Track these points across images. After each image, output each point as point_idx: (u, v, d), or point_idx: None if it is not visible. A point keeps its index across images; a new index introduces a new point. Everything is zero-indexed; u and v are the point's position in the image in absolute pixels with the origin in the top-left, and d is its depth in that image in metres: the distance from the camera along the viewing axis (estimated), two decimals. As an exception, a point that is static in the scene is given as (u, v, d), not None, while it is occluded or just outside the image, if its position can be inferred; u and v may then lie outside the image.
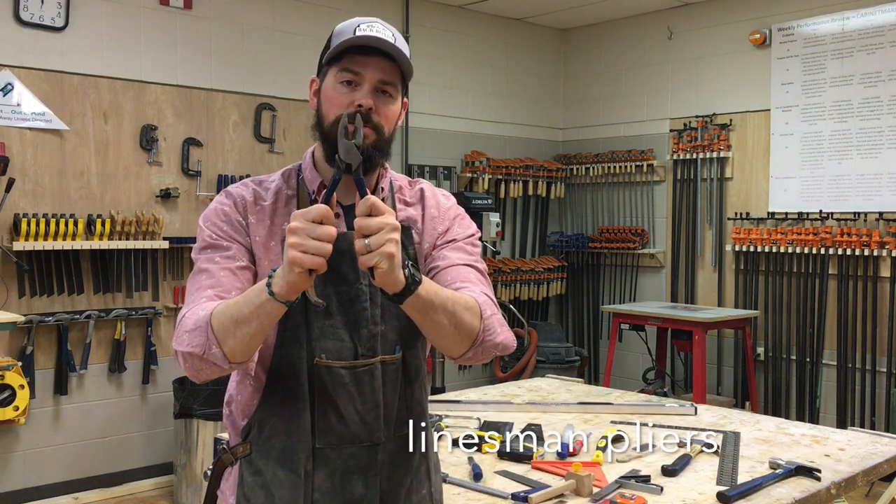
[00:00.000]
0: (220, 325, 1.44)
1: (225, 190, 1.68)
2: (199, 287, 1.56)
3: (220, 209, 1.63)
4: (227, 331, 1.44)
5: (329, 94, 1.58)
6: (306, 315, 1.57)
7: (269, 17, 5.40)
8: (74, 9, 4.62)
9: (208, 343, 1.45)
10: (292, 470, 1.58)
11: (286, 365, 1.58)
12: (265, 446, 1.60)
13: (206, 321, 1.45)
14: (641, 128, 6.56)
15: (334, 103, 1.56)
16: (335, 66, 1.57)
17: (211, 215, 1.64)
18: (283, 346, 1.58)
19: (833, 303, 5.49)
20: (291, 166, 1.72)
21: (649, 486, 2.08)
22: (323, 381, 1.57)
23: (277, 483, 1.58)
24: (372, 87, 1.56)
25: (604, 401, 3.06)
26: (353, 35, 1.55)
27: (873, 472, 2.39)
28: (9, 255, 4.38)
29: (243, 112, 5.28)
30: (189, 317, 1.50)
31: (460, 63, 6.42)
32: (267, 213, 1.63)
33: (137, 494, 4.87)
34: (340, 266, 1.57)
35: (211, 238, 1.60)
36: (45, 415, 4.62)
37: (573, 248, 6.85)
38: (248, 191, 1.65)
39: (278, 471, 1.59)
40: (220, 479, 1.69)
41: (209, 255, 1.59)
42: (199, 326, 1.46)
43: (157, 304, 4.95)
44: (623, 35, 6.68)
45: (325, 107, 1.59)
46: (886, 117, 5.26)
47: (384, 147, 1.59)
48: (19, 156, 4.48)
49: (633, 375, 6.36)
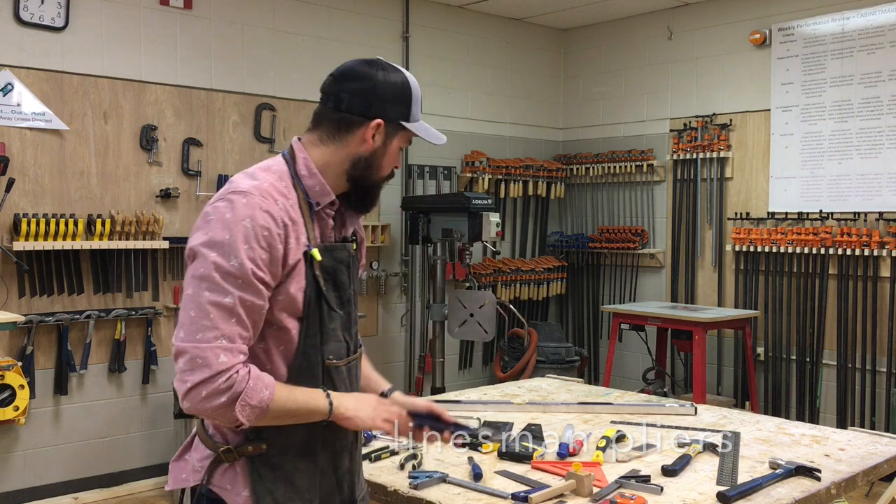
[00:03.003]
0: (274, 413, 1.63)
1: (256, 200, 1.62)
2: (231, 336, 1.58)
3: (261, 234, 1.60)
4: (274, 417, 1.64)
5: (393, 152, 1.79)
6: (321, 321, 1.72)
7: (269, 17, 5.40)
8: (74, 9, 4.62)
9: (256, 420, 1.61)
10: (312, 460, 1.74)
11: (305, 368, 1.72)
12: (283, 442, 1.70)
13: (267, 406, 1.61)
14: (641, 128, 6.56)
15: (392, 162, 1.80)
16: (407, 134, 1.79)
17: (251, 238, 1.59)
18: (304, 352, 1.71)
19: (833, 303, 5.49)
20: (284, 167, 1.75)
21: (649, 486, 2.08)
22: (332, 378, 1.76)
23: (299, 474, 1.72)
24: None
25: (604, 401, 3.06)
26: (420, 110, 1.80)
27: (873, 472, 2.39)
28: (9, 255, 4.38)
29: (243, 112, 5.28)
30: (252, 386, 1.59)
31: (460, 63, 6.42)
32: (300, 230, 1.69)
33: (137, 494, 4.87)
34: (339, 274, 1.76)
35: (252, 273, 1.58)
36: (45, 415, 4.62)
37: (573, 248, 6.86)
38: (281, 207, 1.66)
39: (299, 462, 1.72)
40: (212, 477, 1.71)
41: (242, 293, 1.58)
42: (261, 408, 1.60)
43: (157, 304, 4.95)
44: (623, 35, 6.68)
45: (384, 162, 1.78)
46: (886, 117, 5.26)
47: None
48: (19, 156, 4.48)
49: (633, 375, 6.36)
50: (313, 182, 1.72)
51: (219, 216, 1.61)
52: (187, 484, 1.75)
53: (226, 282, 1.57)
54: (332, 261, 1.73)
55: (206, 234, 1.60)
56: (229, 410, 1.56)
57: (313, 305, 1.69)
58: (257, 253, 1.59)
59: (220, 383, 1.55)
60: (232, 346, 1.57)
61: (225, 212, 1.61)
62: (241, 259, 1.57)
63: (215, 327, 1.56)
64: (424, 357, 5.86)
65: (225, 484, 1.70)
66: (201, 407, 1.56)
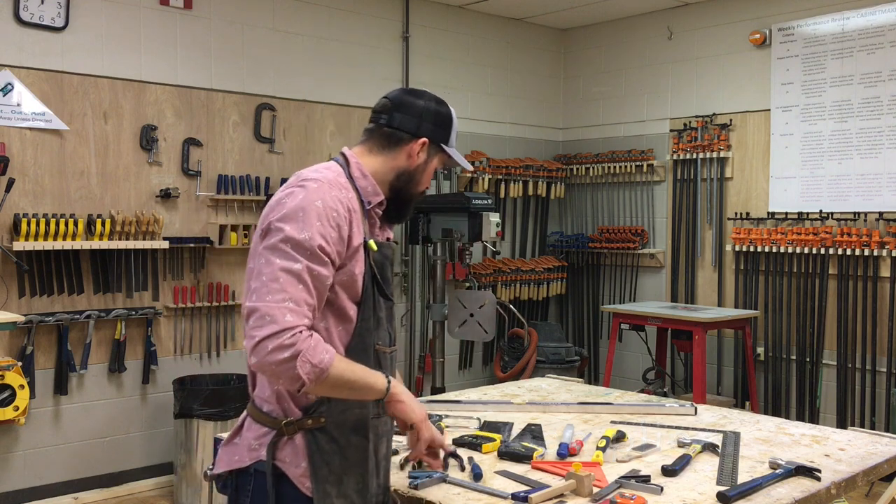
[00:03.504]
0: (333, 380, 1.74)
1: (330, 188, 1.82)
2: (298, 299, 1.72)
3: (331, 214, 1.79)
4: (333, 386, 1.76)
5: (430, 172, 2.01)
6: (374, 308, 1.91)
7: (269, 17, 5.40)
8: (74, 9, 4.62)
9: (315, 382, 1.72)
10: (363, 436, 1.89)
11: (361, 350, 1.88)
12: (341, 418, 1.86)
13: (327, 368, 1.72)
14: (641, 128, 6.57)
15: (428, 180, 2.02)
16: (444, 156, 2.01)
17: (323, 217, 1.78)
18: (360, 334, 1.88)
19: (833, 303, 5.49)
20: (339, 168, 1.93)
21: (649, 486, 2.08)
22: (380, 363, 1.94)
23: (352, 448, 1.88)
24: None
25: (604, 401, 3.06)
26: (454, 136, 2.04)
27: (873, 472, 2.39)
28: (9, 255, 4.38)
29: (243, 112, 5.28)
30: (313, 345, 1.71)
31: (460, 63, 6.42)
32: (360, 221, 1.89)
33: (137, 494, 4.87)
34: (385, 269, 1.95)
35: (320, 248, 1.76)
36: (45, 415, 4.62)
37: (573, 248, 6.86)
38: (349, 200, 1.85)
39: (353, 437, 1.88)
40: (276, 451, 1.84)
41: (311, 263, 1.75)
42: (321, 368, 1.72)
43: (157, 304, 4.95)
44: (623, 35, 6.69)
45: (424, 178, 2.00)
46: (886, 117, 5.26)
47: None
48: (19, 156, 4.48)
49: (633, 375, 6.36)
50: (366, 183, 1.93)
51: (293, 198, 1.79)
52: (242, 464, 1.87)
53: (296, 251, 1.74)
54: (383, 256, 1.94)
55: (281, 212, 1.78)
56: (291, 366, 1.68)
57: (369, 290, 1.88)
58: (327, 230, 1.77)
59: (285, 339, 1.68)
60: (298, 309, 1.71)
61: (299, 194, 1.79)
62: (311, 233, 1.75)
63: (284, 290, 1.71)
64: (424, 357, 5.85)
65: (285, 457, 1.83)
66: (266, 361, 1.68)
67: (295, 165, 5.43)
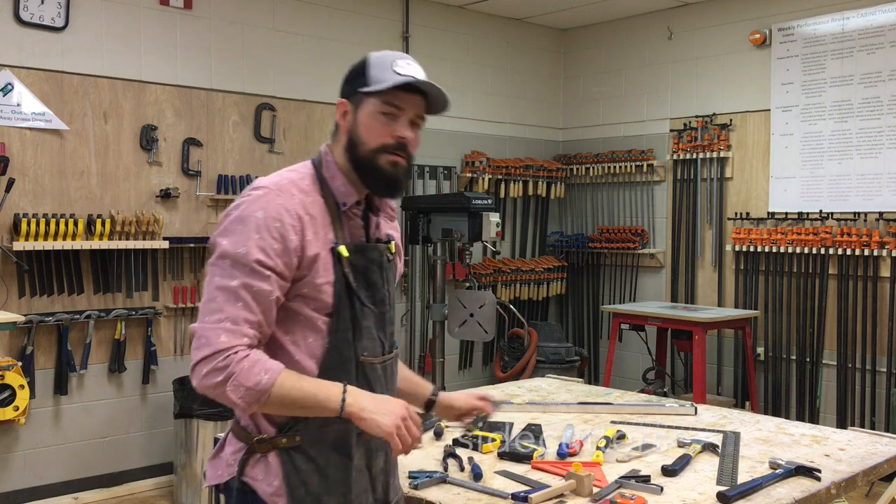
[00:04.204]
0: (278, 400, 1.64)
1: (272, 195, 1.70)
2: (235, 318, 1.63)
3: (273, 225, 1.67)
4: (279, 406, 1.65)
5: (368, 122, 1.75)
6: (352, 319, 1.76)
7: (269, 17, 5.40)
8: (74, 9, 4.62)
9: (255, 404, 1.63)
10: (345, 455, 1.77)
11: (338, 362, 1.75)
12: (318, 435, 1.74)
13: (265, 391, 1.62)
14: (641, 128, 6.56)
15: (375, 132, 1.75)
16: (377, 98, 1.74)
17: (262, 228, 1.66)
18: (336, 347, 1.75)
19: (833, 303, 5.49)
20: (310, 168, 1.81)
21: (649, 486, 2.07)
22: (366, 375, 1.79)
23: (332, 467, 1.76)
24: (409, 119, 1.77)
25: (604, 401, 3.06)
26: (392, 71, 1.73)
27: (873, 472, 2.39)
28: (9, 255, 4.38)
29: (243, 112, 5.28)
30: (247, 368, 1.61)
31: (460, 63, 6.42)
32: (319, 224, 1.75)
33: (137, 494, 4.87)
34: (370, 273, 1.81)
35: (256, 262, 1.65)
36: (45, 415, 4.62)
37: (573, 248, 6.86)
38: (297, 202, 1.72)
39: (332, 456, 1.75)
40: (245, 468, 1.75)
41: (248, 279, 1.65)
42: (258, 391, 1.62)
43: (157, 304, 4.95)
44: (623, 35, 6.68)
45: (363, 133, 1.76)
46: (886, 117, 5.26)
47: (410, 171, 1.86)
48: (19, 156, 4.48)
49: (633, 375, 6.36)
50: (338, 183, 1.80)
51: (236, 210, 1.70)
52: (222, 479, 1.79)
53: (233, 268, 1.65)
54: (364, 260, 1.80)
55: (222, 224, 1.71)
56: (223, 389, 1.61)
57: (343, 300, 1.74)
58: (267, 242, 1.66)
59: (217, 362, 1.60)
60: (235, 329, 1.63)
61: (242, 205, 1.70)
62: (248, 247, 1.65)
63: (220, 310, 1.63)
64: (424, 357, 5.85)
65: (256, 474, 1.74)
66: (202, 384, 1.62)
67: (295, 165, 5.42)
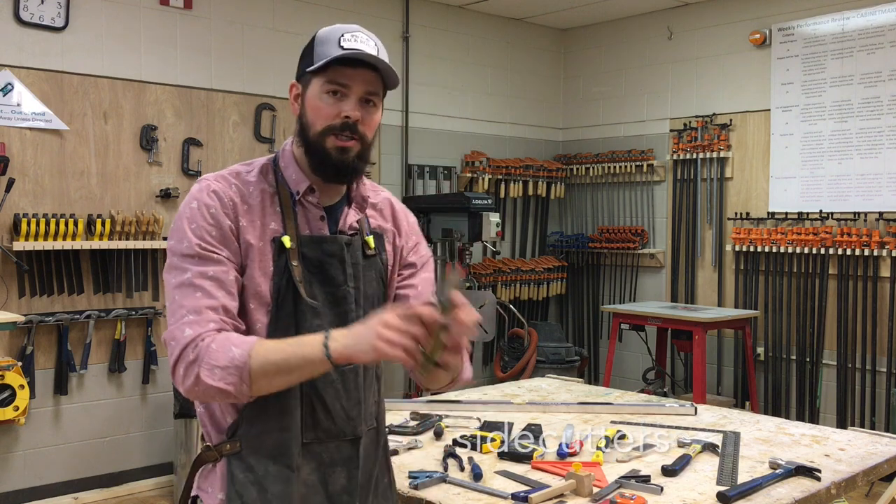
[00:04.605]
0: (261, 370, 1.48)
1: (205, 183, 1.62)
2: (196, 308, 1.53)
3: (206, 211, 1.58)
4: (266, 376, 1.49)
5: (315, 103, 1.61)
6: (296, 315, 1.61)
7: (269, 17, 5.40)
8: (74, 9, 4.62)
9: (240, 383, 1.48)
10: (285, 465, 1.61)
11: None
12: (256, 443, 1.60)
13: (243, 362, 1.48)
14: (641, 128, 6.57)
15: (321, 113, 1.60)
16: (321, 77, 1.60)
17: (197, 216, 1.58)
18: None
19: (833, 303, 5.49)
20: (266, 160, 1.72)
21: (649, 486, 2.08)
22: (313, 379, 1.59)
23: (270, 478, 1.60)
24: (358, 97, 1.60)
25: (604, 401, 3.06)
26: (338, 46, 1.58)
27: (873, 472, 2.39)
28: (9, 255, 4.38)
29: (243, 112, 5.28)
30: (215, 348, 1.49)
31: (460, 63, 6.42)
32: (257, 213, 1.63)
33: (137, 494, 4.87)
34: (328, 268, 1.65)
35: (200, 248, 1.56)
36: (45, 415, 4.62)
37: (573, 248, 6.86)
38: (233, 189, 1.62)
39: (270, 466, 1.60)
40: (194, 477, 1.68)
41: (200, 267, 1.55)
42: (235, 366, 1.48)
43: (157, 304, 4.95)
44: (623, 35, 6.68)
45: (310, 115, 1.62)
46: (886, 117, 5.26)
47: (367, 155, 1.66)
48: (19, 156, 4.48)
49: (633, 375, 6.36)
50: (290, 171, 1.67)
51: (179, 210, 1.63)
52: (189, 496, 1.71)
53: (182, 262, 1.57)
54: (319, 252, 1.64)
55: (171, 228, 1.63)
56: (202, 380, 1.48)
57: (284, 295, 1.60)
58: (203, 228, 1.57)
59: (188, 356, 1.50)
60: (198, 318, 1.53)
61: (182, 204, 1.63)
62: (188, 239, 1.57)
63: (181, 306, 1.54)
64: (424, 357, 5.83)
65: (207, 486, 1.65)
66: (185, 388, 1.51)
67: (295, 165, 5.43)
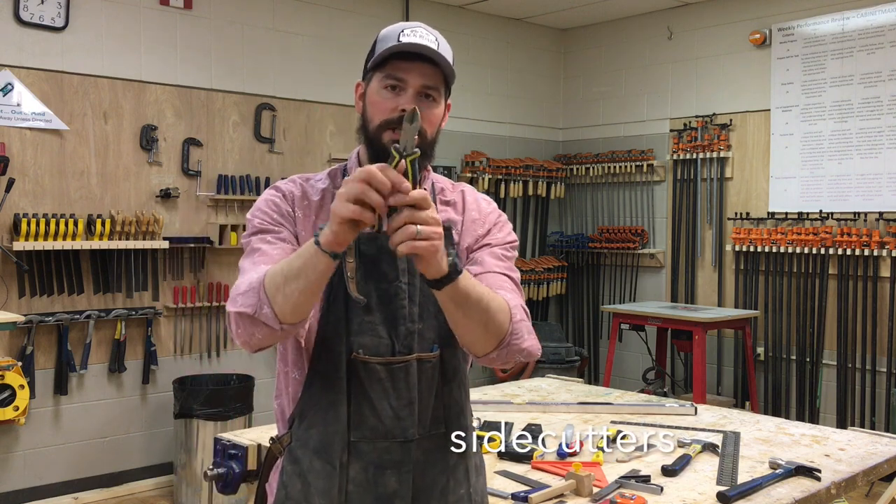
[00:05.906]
0: (272, 283, 1.47)
1: (273, 185, 1.72)
2: (253, 263, 1.59)
3: (269, 200, 1.68)
4: (277, 287, 1.46)
5: (373, 98, 1.63)
6: (346, 310, 1.61)
7: (269, 17, 5.40)
8: (74, 9, 4.62)
9: (259, 303, 1.47)
10: (328, 461, 1.61)
11: (326, 358, 1.62)
12: (304, 436, 1.63)
13: (259, 282, 1.49)
14: (641, 128, 6.57)
15: (379, 108, 1.62)
16: (379, 72, 1.63)
17: (261, 205, 1.68)
18: (325, 340, 1.62)
19: (833, 303, 5.49)
20: (338, 166, 1.76)
21: (649, 486, 2.08)
22: (359, 376, 1.60)
23: (314, 473, 1.61)
24: (416, 91, 1.61)
25: (604, 401, 3.06)
26: (397, 41, 1.60)
27: (873, 472, 2.39)
28: (9, 255, 4.38)
29: (243, 112, 5.28)
30: (244, 281, 1.54)
31: (460, 63, 6.37)
32: (313, 209, 1.68)
33: (137, 494, 4.87)
34: (380, 264, 1.63)
35: (262, 224, 1.65)
36: (45, 415, 4.62)
37: (573, 248, 6.86)
38: (297, 186, 1.70)
39: (315, 461, 1.61)
40: (270, 472, 1.71)
41: (261, 237, 1.63)
42: (252, 288, 1.49)
43: (157, 304, 4.95)
44: (623, 35, 6.68)
45: (369, 111, 1.64)
46: (886, 117, 5.26)
47: (427, 150, 1.63)
48: (19, 156, 4.48)
49: (633, 375, 6.36)
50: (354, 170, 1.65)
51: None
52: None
53: (247, 239, 1.65)
54: (375, 248, 1.62)
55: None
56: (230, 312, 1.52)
57: (336, 288, 1.61)
58: (265, 213, 1.66)
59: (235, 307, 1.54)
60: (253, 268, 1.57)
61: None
62: (253, 223, 1.66)
63: (245, 272, 1.58)
64: (424, 357, 5.84)
65: (273, 480, 1.69)
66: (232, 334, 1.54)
67: (295, 165, 5.43)
